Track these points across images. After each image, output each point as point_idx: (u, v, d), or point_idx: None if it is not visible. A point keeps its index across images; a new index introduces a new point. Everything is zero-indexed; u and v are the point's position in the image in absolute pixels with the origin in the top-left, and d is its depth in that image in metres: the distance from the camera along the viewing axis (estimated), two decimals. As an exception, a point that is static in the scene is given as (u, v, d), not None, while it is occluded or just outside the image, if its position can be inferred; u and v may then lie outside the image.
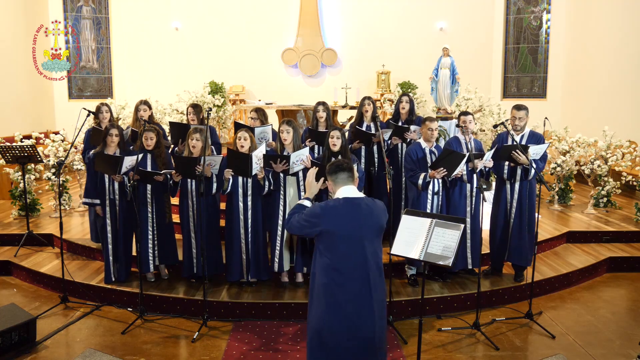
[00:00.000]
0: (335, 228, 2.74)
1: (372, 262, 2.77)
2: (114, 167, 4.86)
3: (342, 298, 2.73)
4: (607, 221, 6.99)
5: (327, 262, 2.77)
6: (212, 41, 11.69)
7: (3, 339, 4.07)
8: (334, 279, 2.75)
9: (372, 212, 2.80)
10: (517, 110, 5.12)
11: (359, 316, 2.73)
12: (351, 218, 2.75)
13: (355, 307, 2.73)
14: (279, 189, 5.01)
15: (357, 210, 2.77)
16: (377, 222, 2.82)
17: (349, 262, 2.75)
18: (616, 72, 9.71)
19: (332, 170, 2.88)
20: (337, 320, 2.73)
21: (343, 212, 2.76)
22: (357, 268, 2.75)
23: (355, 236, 2.75)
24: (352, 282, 2.74)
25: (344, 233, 2.74)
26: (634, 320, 4.76)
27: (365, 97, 5.88)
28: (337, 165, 2.87)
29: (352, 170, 2.88)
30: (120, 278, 5.16)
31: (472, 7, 11.58)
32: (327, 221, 2.75)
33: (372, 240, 2.80)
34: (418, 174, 4.97)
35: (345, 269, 2.74)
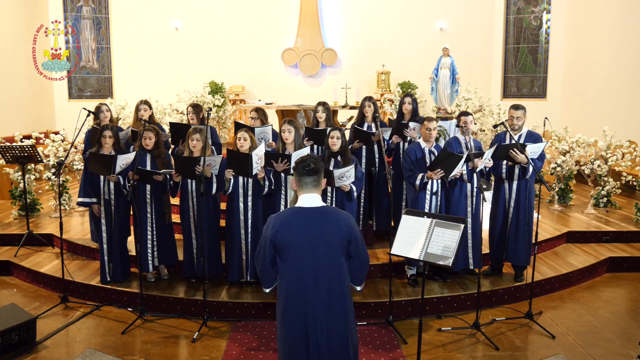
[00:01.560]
0: (285, 235, 2.61)
1: (326, 270, 2.62)
2: (108, 167, 4.83)
3: (293, 307, 2.63)
4: (607, 221, 6.99)
5: (283, 273, 2.67)
6: (212, 41, 11.69)
7: (3, 339, 4.07)
8: (287, 292, 2.64)
9: (326, 221, 2.64)
10: (515, 110, 5.13)
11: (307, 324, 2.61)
12: (300, 226, 2.61)
13: (303, 315, 2.61)
14: (280, 188, 5.01)
15: (308, 219, 2.62)
16: (335, 233, 2.63)
17: (301, 270, 2.61)
18: (616, 72, 9.71)
19: (298, 171, 2.68)
20: (291, 332, 2.64)
21: (293, 223, 2.64)
22: (310, 276, 2.61)
23: (305, 245, 2.61)
24: (303, 291, 2.61)
25: (293, 241, 2.61)
26: (634, 320, 4.76)
27: (366, 98, 5.87)
28: (304, 166, 2.66)
29: (319, 174, 2.68)
30: (117, 278, 5.15)
31: (472, 7, 11.58)
32: (276, 231, 2.63)
33: (328, 252, 2.63)
34: (416, 175, 4.97)
35: (298, 277, 2.62)
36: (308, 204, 2.68)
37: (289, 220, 2.66)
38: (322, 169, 2.72)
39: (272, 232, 2.64)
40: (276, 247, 2.66)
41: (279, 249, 2.66)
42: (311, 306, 2.62)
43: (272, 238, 2.64)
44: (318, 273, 2.62)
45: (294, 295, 2.64)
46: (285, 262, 2.66)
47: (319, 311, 2.62)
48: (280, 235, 2.63)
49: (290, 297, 2.65)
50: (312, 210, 2.67)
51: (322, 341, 2.62)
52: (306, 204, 2.68)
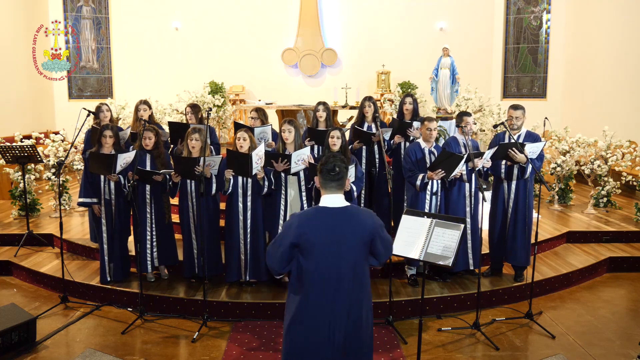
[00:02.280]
0: (309, 235, 2.62)
1: (348, 270, 2.64)
2: (109, 167, 4.83)
3: (313, 306, 2.64)
4: (607, 221, 6.99)
5: (304, 273, 2.67)
6: (212, 41, 11.69)
7: (3, 339, 4.07)
8: (308, 292, 2.65)
9: (351, 221, 2.66)
10: (514, 110, 5.14)
11: (329, 324, 2.62)
12: (325, 226, 2.63)
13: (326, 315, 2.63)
14: (280, 189, 5.01)
15: (332, 219, 2.64)
16: (359, 234, 2.65)
17: (325, 270, 2.63)
18: (616, 72, 9.71)
19: (323, 175, 2.71)
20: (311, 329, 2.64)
21: (316, 220, 2.65)
22: (333, 275, 2.63)
23: (330, 244, 2.62)
24: (325, 290, 2.63)
25: (317, 240, 2.62)
26: (634, 320, 4.76)
27: (366, 98, 5.87)
28: (329, 171, 2.69)
29: (344, 178, 2.71)
30: (117, 278, 5.15)
31: (472, 7, 11.58)
32: (300, 229, 2.63)
33: (352, 253, 2.65)
34: (416, 175, 4.97)
35: (320, 277, 2.63)
36: (332, 204, 2.70)
37: (313, 220, 2.67)
38: (346, 172, 2.75)
39: (297, 231, 2.64)
40: (300, 246, 2.66)
41: (302, 249, 2.66)
42: (332, 306, 2.63)
43: (296, 237, 2.64)
44: (341, 274, 2.64)
45: (315, 295, 2.65)
46: (308, 261, 2.66)
47: (341, 312, 2.64)
48: (305, 235, 2.64)
49: (311, 296, 2.65)
50: (336, 210, 2.68)
51: (339, 341, 2.64)
52: (330, 204, 2.70)
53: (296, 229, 2.64)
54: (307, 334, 2.65)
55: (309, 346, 2.65)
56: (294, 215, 2.73)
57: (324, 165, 2.70)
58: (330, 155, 2.75)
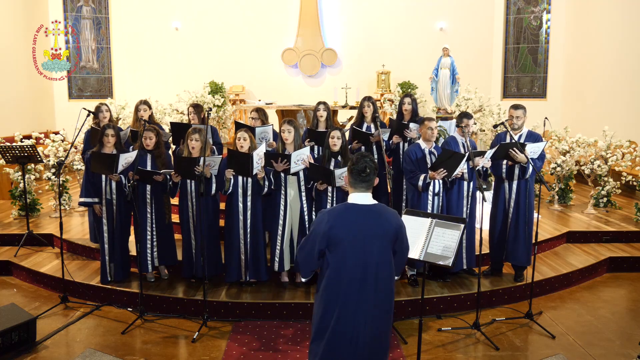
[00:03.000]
0: (338, 230, 2.71)
1: (374, 266, 2.72)
2: (111, 166, 4.84)
3: (340, 299, 2.72)
4: (607, 221, 6.99)
5: (330, 266, 2.75)
6: (212, 41, 11.69)
7: (3, 339, 4.07)
8: (337, 282, 2.73)
9: (379, 219, 2.74)
10: (515, 110, 5.14)
11: (354, 316, 2.72)
12: (354, 222, 2.72)
13: (352, 308, 2.72)
14: (280, 188, 5.02)
15: (361, 216, 2.73)
16: (386, 231, 2.74)
17: (351, 264, 2.72)
18: (616, 72, 9.71)
19: (354, 174, 2.78)
20: (337, 323, 2.72)
21: (346, 217, 2.74)
22: (359, 271, 2.71)
23: (357, 240, 2.71)
24: (351, 284, 2.72)
25: (346, 236, 2.71)
26: (634, 320, 4.76)
27: (365, 98, 5.87)
28: (360, 172, 2.75)
29: (372, 180, 2.81)
30: (117, 278, 5.15)
31: (472, 7, 11.58)
32: (331, 222, 2.72)
33: (378, 249, 2.73)
34: (418, 175, 4.97)
35: (346, 271, 2.72)
36: (361, 202, 2.77)
37: (343, 216, 2.75)
38: (376, 172, 2.82)
39: (328, 226, 2.72)
40: (329, 241, 2.73)
41: (330, 243, 2.74)
42: (357, 301, 2.71)
43: (327, 231, 2.71)
44: (367, 269, 2.72)
45: (341, 289, 2.73)
46: (335, 255, 2.74)
47: (365, 307, 2.72)
48: (334, 230, 2.71)
49: (337, 291, 2.73)
50: (365, 207, 2.76)
51: (363, 337, 2.72)
52: (359, 201, 2.78)
53: (327, 223, 2.73)
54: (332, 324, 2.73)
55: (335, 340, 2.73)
56: (324, 212, 2.82)
57: (355, 165, 2.78)
58: (361, 155, 2.82)
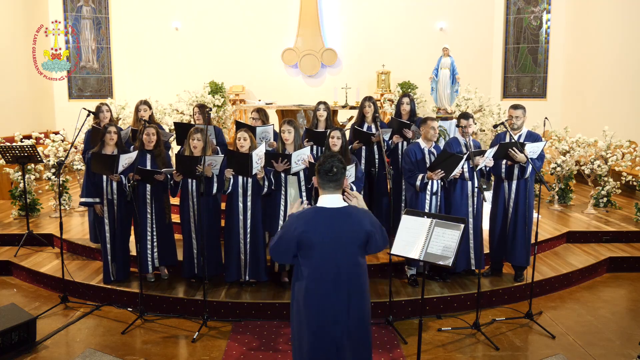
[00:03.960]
0: (309, 234, 2.67)
1: (346, 270, 2.69)
2: (111, 167, 4.84)
3: (315, 304, 2.70)
4: (607, 221, 6.98)
5: (304, 270, 2.73)
6: (212, 41, 11.68)
7: (3, 339, 4.07)
8: (307, 292, 2.70)
9: (349, 221, 2.71)
10: (514, 109, 5.15)
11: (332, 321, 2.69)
12: (324, 226, 2.68)
13: (328, 312, 2.69)
14: (280, 188, 5.02)
15: (331, 219, 2.69)
16: (356, 234, 2.71)
17: (324, 269, 2.68)
18: (616, 72, 9.71)
19: (321, 175, 2.76)
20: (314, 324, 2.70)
21: (315, 221, 2.70)
22: (331, 275, 2.68)
23: (329, 244, 2.67)
24: (325, 289, 2.69)
25: (317, 241, 2.67)
26: (634, 320, 4.76)
27: (366, 98, 5.87)
28: (326, 172, 2.73)
29: (341, 179, 2.76)
30: (118, 278, 5.15)
31: (472, 7, 11.58)
32: (302, 227, 2.68)
33: (349, 249, 2.71)
34: (416, 175, 4.97)
35: (319, 276, 2.69)
36: (330, 205, 2.74)
37: (312, 220, 2.72)
38: (344, 172, 2.78)
39: (298, 231, 2.69)
40: (300, 245, 2.71)
41: (301, 247, 2.71)
42: (332, 306, 2.69)
43: (297, 236, 2.69)
44: (339, 273, 2.69)
45: (314, 295, 2.71)
46: (307, 260, 2.72)
47: (341, 310, 2.70)
48: (305, 234, 2.69)
49: (311, 297, 2.71)
50: (334, 210, 2.73)
51: (342, 339, 2.70)
52: (328, 204, 2.74)
53: (296, 229, 2.69)
54: (310, 332, 2.71)
55: (315, 344, 2.71)
56: (293, 216, 2.77)
57: (322, 166, 2.75)
58: (328, 156, 2.78)
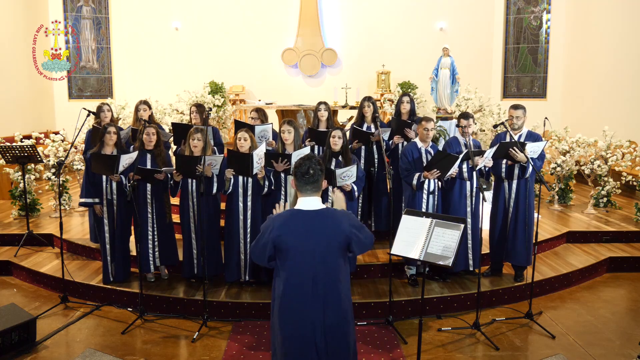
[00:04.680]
0: (285, 238, 2.64)
1: (323, 273, 2.65)
2: (111, 167, 4.84)
3: (293, 308, 2.66)
4: (607, 221, 6.98)
5: (281, 274, 2.70)
6: (212, 41, 11.69)
7: (3, 339, 4.07)
8: (285, 295, 2.67)
9: (326, 224, 2.66)
10: (515, 109, 5.16)
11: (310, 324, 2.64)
12: (300, 229, 2.64)
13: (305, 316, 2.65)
14: (280, 188, 5.02)
15: (308, 222, 2.65)
16: (334, 236, 2.65)
17: (300, 273, 2.64)
18: (616, 72, 9.71)
19: (297, 177, 2.70)
20: (289, 335, 2.67)
21: (291, 223, 2.67)
22: (308, 278, 2.64)
23: (305, 247, 2.63)
24: (302, 292, 2.64)
25: (292, 244, 2.64)
26: (634, 320, 4.76)
27: (365, 98, 5.87)
28: (303, 174, 2.67)
29: (318, 181, 2.69)
30: (118, 278, 5.15)
31: (472, 7, 11.58)
32: (277, 231, 2.65)
33: (327, 255, 2.65)
34: (413, 174, 4.98)
35: (296, 279, 2.65)
36: (307, 207, 2.70)
37: (288, 223, 2.67)
38: (321, 174, 2.71)
39: (274, 234, 2.65)
40: (276, 248, 2.68)
41: (278, 250, 2.68)
42: (309, 309, 2.64)
43: (274, 239, 2.65)
44: (316, 276, 2.65)
45: (292, 298, 2.66)
46: (284, 263, 2.68)
47: (317, 314, 2.65)
48: (280, 238, 2.64)
49: (288, 300, 2.67)
50: (311, 213, 2.68)
51: (320, 343, 2.65)
52: (305, 207, 2.70)
53: (272, 231, 2.66)
54: (287, 334, 2.67)
55: (291, 345, 2.67)
56: (270, 218, 2.74)
57: (298, 168, 2.69)
58: (305, 158, 2.73)
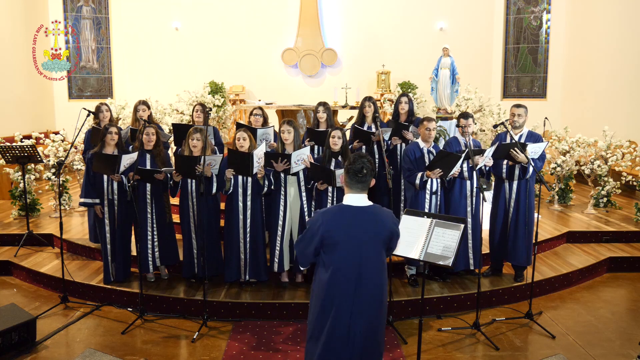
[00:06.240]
0: (333, 233, 2.73)
1: (368, 268, 2.74)
2: (112, 167, 4.85)
3: (336, 299, 2.75)
4: (607, 221, 6.98)
5: (327, 266, 2.77)
6: (212, 41, 11.69)
7: (3, 339, 4.07)
8: (332, 283, 2.75)
9: (373, 220, 2.76)
10: (517, 108, 5.18)
11: (350, 316, 2.74)
12: (348, 224, 2.73)
13: (347, 308, 2.74)
14: (280, 188, 5.02)
15: (356, 218, 2.74)
16: (380, 233, 2.77)
17: (346, 266, 2.73)
18: (616, 72, 9.71)
19: (350, 175, 2.78)
20: (332, 322, 2.75)
21: (340, 219, 2.75)
22: (353, 272, 2.73)
23: (352, 242, 2.72)
24: (346, 285, 2.74)
25: (341, 238, 2.72)
26: (634, 320, 4.76)
27: (366, 98, 5.87)
28: (356, 172, 2.75)
29: (368, 181, 2.79)
30: (119, 278, 5.15)
31: (472, 7, 11.58)
32: (326, 226, 2.73)
33: (372, 248, 2.76)
34: (415, 174, 4.98)
35: (342, 272, 2.74)
36: (356, 203, 2.78)
37: (337, 217, 2.76)
38: (372, 175, 2.81)
39: (322, 228, 2.73)
40: (324, 242, 2.75)
41: (325, 244, 2.75)
42: (352, 302, 2.74)
43: (321, 233, 2.73)
44: (362, 271, 2.74)
45: (336, 290, 2.75)
46: (331, 257, 2.76)
47: (361, 307, 2.75)
48: (329, 232, 2.73)
49: (333, 292, 2.75)
50: (360, 209, 2.77)
51: (358, 336, 2.75)
52: (354, 203, 2.78)
53: (321, 225, 2.74)
54: (329, 325, 2.76)
55: (332, 339, 2.76)
56: (319, 212, 2.83)
57: (352, 165, 2.78)
58: (359, 156, 2.81)
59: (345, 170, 2.82)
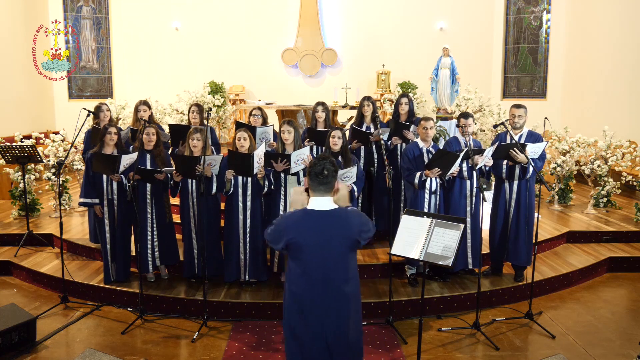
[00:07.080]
0: (298, 238, 2.68)
1: (334, 273, 2.69)
2: (112, 167, 4.85)
3: (307, 305, 2.71)
4: (607, 221, 6.98)
5: (294, 271, 2.74)
6: (212, 41, 11.70)
7: (3, 339, 4.07)
8: (300, 287, 2.72)
9: (337, 224, 2.70)
10: (516, 108, 5.17)
11: (322, 322, 2.70)
12: (313, 229, 2.68)
13: (319, 314, 2.70)
14: (280, 188, 5.02)
15: (319, 222, 2.69)
16: (346, 237, 2.70)
17: (313, 271, 2.69)
18: (616, 72, 9.71)
19: (311, 177, 2.73)
20: (303, 325, 2.72)
21: (304, 223, 2.70)
22: (321, 277, 2.68)
23: (317, 246, 2.67)
24: (316, 291, 2.69)
25: (305, 242, 2.67)
26: (634, 320, 4.76)
27: (365, 98, 5.87)
28: (317, 174, 2.70)
29: (331, 183, 2.73)
30: (119, 278, 5.15)
31: (472, 7, 11.59)
32: (289, 232, 2.69)
33: (338, 251, 2.70)
34: (414, 173, 4.98)
35: (309, 277, 2.70)
36: (320, 207, 2.73)
37: (301, 223, 2.71)
38: (335, 176, 2.75)
39: (286, 233, 2.69)
40: (289, 247, 2.72)
41: (291, 249, 2.72)
42: (321, 306, 2.69)
43: (286, 238, 2.69)
44: (329, 275, 2.69)
45: (303, 295, 2.71)
46: (296, 262, 2.73)
47: (332, 311, 2.70)
48: (293, 238, 2.68)
49: (299, 297, 2.72)
50: (323, 213, 2.72)
51: (331, 340, 2.71)
52: (318, 207, 2.73)
53: (284, 230, 2.70)
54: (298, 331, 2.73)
55: (305, 343, 2.72)
56: (282, 217, 2.78)
57: (313, 168, 2.73)
58: (320, 157, 2.76)
59: (307, 173, 2.77)
